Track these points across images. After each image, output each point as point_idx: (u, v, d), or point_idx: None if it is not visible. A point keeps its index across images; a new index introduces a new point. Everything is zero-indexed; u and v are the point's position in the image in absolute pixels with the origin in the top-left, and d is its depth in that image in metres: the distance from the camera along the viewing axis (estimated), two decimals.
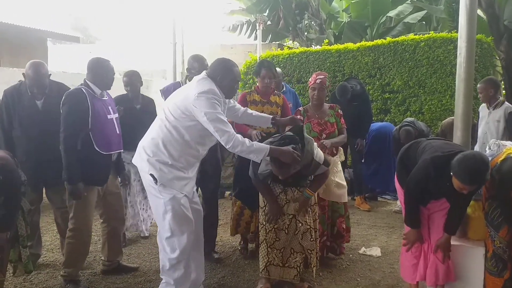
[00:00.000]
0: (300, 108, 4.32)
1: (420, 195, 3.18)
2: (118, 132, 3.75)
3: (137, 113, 4.59)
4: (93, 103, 3.51)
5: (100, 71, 3.64)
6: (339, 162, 4.27)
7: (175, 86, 4.03)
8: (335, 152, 4.17)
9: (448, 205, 3.18)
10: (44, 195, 4.14)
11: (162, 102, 3.47)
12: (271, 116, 3.67)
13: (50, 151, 3.77)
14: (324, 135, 4.10)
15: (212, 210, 4.23)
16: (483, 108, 5.49)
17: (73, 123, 3.45)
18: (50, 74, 3.92)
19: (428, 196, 3.22)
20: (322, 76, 4.20)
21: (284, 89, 6.66)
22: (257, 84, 4.38)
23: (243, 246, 4.47)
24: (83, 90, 3.53)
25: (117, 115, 3.81)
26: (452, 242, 3.35)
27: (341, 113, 4.30)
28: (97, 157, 3.54)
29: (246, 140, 3.03)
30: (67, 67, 13.90)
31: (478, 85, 5.39)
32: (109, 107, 3.72)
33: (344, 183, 4.21)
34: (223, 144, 3.01)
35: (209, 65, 3.33)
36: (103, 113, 3.61)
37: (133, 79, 4.66)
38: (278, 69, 6.83)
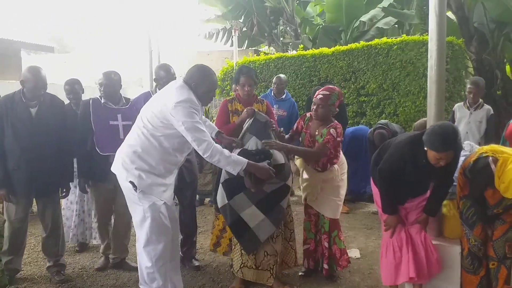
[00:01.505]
0: (307, 114, 3.95)
1: (397, 185, 3.20)
2: (121, 137, 3.88)
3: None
4: (96, 111, 4.01)
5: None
6: (338, 176, 3.86)
7: (146, 96, 3.95)
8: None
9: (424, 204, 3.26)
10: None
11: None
12: (218, 130, 3.64)
13: (43, 161, 3.79)
14: None
15: (190, 217, 4.22)
16: (461, 109, 5.59)
17: (80, 128, 4.07)
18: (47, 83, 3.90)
19: (405, 191, 3.27)
20: (327, 92, 3.70)
21: (284, 96, 6.71)
22: (238, 92, 4.12)
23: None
24: (90, 100, 4.07)
25: (127, 122, 3.95)
26: None
27: (333, 133, 3.68)
28: (97, 157, 3.97)
29: (225, 150, 3.04)
30: None
31: (471, 86, 5.52)
32: (118, 115, 4.06)
33: (338, 199, 3.85)
34: (200, 153, 3.01)
35: (186, 72, 3.32)
36: (105, 119, 4.02)
37: (75, 87, 4.75)
38: (283, 76, 6.88)
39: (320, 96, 3.71)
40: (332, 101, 3.70)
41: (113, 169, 3.22)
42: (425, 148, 2.95)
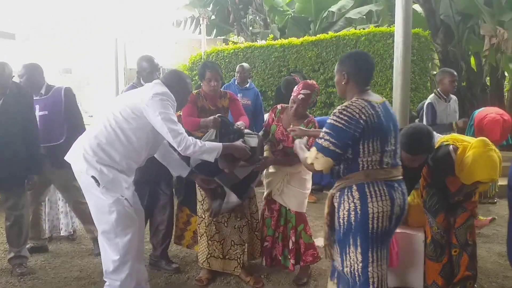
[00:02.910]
0: (278, 106, 3.79)
1: None
2: (41, 127, 4.00)
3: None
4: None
5: None
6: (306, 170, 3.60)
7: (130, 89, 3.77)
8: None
9: None
10: None
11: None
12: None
13: (8, 153, 3.73)
14: (280, 146, 3.67)
15: (170, 215, 4.04)
16: (438, 101, 5.29)
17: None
18: (14, 76, 3.81)
19: None
20: (307, 91, 3.52)
21: (248, 85, 6.64)
22: (203, 88, 3.92)
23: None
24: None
25: (43, 112, 4.06)
26: None
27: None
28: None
29: (198, 141, 3.00)
30: None
31: (453, 75, 5.24)
32: (36, 105, 4.06)
33: (305, 192, 3.73)
34: (175, 145, 2.96)
35: (163, 75, 3.28)
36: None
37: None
38: (246, 64, 6.80)
39: (302, 96, 3.53)
40: (313, 99, 3.62)
41: (69, 158, 3.10)
42: None
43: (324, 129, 2.41)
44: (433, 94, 5.31)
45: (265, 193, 3.85)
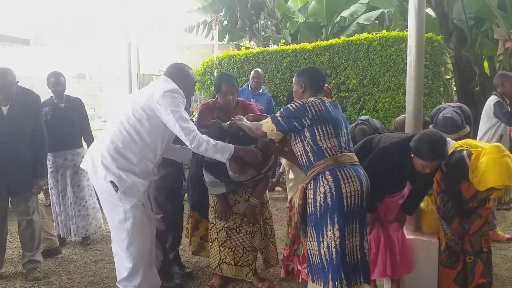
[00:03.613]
0: None
1: (377, 185, 3.17)
2: None
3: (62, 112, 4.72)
4: None
5: None
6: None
7: None
8: None
9: (402, 201, 3.28)
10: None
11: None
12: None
13: (16, 158, 3.77)
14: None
15: (180, 217, 4.04)
16: (501, 105, 4.92)
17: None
18: (18, 82, 3.84)
19: (384, 190, 3.27)
20: None
21: (261, 90, 6.72)
22: (218, 100, 3.75)
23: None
24: None
25: None
26: (407, 236, 3.45)
27: None
28: None
29: (211, 139, 2.98)
30: (16, 70, 13.40)
31: (506, 80, 4.97)
32: None
33: None
34: (187, 143, 2.95)
35: (167, 68, 3.28)
36: None
37: (61, 79, 4.76)
38: (260, 70, 6.88)
39: None
40: None
41: (85, 166, 3.09)
42: (412, 155, 2.92)
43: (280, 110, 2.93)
44: (494, 96, 5.04)
45: (288, 198, 3.81)
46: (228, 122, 3.31)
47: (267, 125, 2.92)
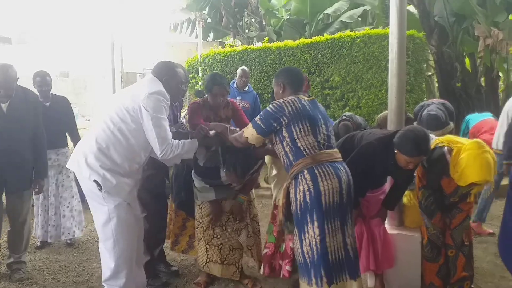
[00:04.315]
0: None
1: (359, 181, 3.14)
2: None
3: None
4: None
5: None
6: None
7: None
8: None
9: (383, 197, 3.33)
10: None
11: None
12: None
13: (14, 155, 3.75)
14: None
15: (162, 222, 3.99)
16: None
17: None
18: (18, 78, 3.78)
19: (366, 185, 3.31)
20: None
21: (247, 88, 6.71)
22: (208, 99, 3.73)
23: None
24: None
25: None
26: (390, 231, 3.51)
27: None
28: None
29: (174, 141, 3.00)
30: None
31: None
32: None
33: None
34: (157, 152, 2.95)
35: (154, 67, 3.25)
36: None
37: (47, 79, 4.74)
38: (245, 68, 6.85)
39: None
40: None
41: (71, 165, 3.09)
42: (395, 151, 2.97)
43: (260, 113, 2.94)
44: None
45: (273, 196, 3.80)
46: (213, 132, 3.30)
47: (248, 130, 2.95)
